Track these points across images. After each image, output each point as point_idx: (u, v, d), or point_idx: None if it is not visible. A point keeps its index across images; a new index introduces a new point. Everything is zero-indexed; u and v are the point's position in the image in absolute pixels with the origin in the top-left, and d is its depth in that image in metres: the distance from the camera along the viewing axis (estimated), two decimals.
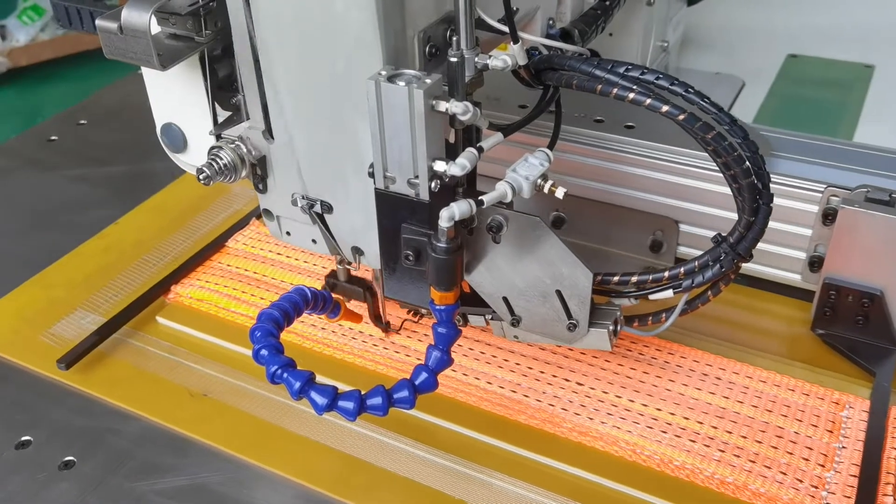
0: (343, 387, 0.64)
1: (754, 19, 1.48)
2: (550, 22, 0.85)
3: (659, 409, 0.75)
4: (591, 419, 0.74)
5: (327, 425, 0.76)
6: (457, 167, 0.59)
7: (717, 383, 0.77)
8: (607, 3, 0.93)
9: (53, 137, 1.23)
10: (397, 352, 0.82)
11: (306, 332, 0.85)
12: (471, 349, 0.82)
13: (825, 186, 0.81)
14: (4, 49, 3.03)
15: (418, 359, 0.76)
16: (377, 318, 0.80)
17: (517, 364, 0.80)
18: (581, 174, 0.92)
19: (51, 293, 0.92)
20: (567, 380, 0.78)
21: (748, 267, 0.86)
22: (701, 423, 0.74)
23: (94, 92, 1.36)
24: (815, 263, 0.84)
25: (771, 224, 0.82)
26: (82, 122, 1.27)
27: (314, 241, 0.74)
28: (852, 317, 0.81)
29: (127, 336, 0.87)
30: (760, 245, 0.83)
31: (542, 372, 0.79)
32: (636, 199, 0.91)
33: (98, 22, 0.63)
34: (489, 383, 0.78)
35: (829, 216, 0.81)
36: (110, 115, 1.28)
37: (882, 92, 1.26)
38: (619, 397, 0.76)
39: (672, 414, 0.75)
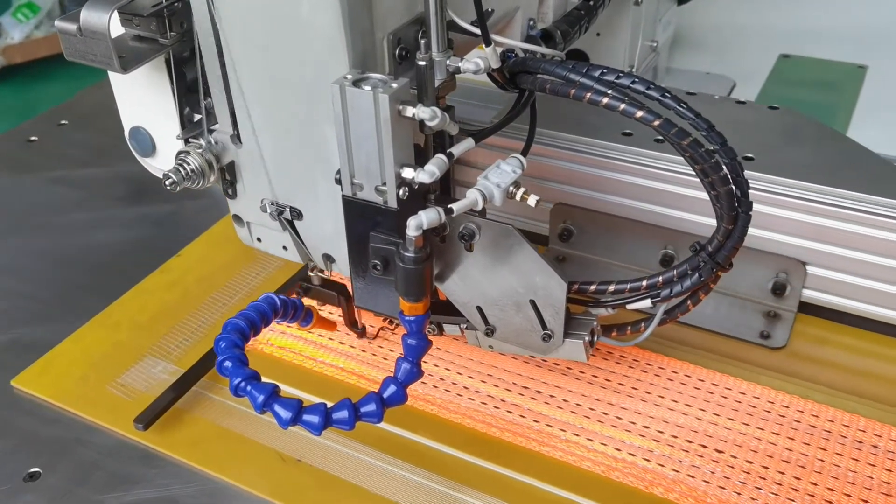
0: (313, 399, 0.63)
1: (747, 19, 1.46)
2: (531, 23, 0.83)
3: (769, 468, 0.69)
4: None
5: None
6: (425, 174, 0.58)
7: (860, 446, 0.70)
8: (591, 2, 0.91)
9: (33, 138, 1.21)
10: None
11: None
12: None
13: None
14: None
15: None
16: (352, 324, 0.78)
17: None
18: (692, 209, 0.85)
19: (115, 336, 0.85)
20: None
21: (882, 313, 0.81)
22: (849, 496, 0.66)
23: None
24: None
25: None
26: (63, 122, 1.25)
27: (285, 247, 0.72)
28: None
29: (205, 388, 0.78)
30: (880, 286, 0.79)
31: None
32: (756, 238, 0.82)
33: (57, 23, 0.61)
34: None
35: None
36: (92, 116, 1.26)
37: (874, 93, 1.23)
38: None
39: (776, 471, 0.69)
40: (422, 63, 0.59)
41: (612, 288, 0.67)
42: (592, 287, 0.67)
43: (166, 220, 1.02)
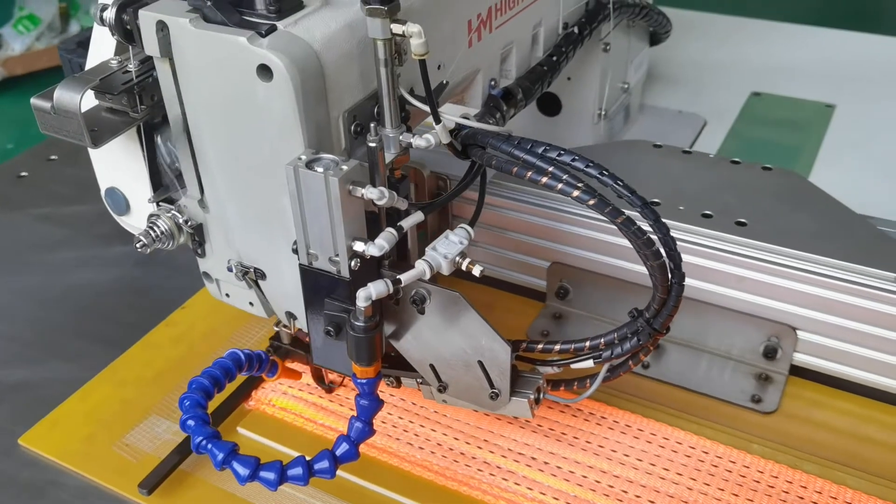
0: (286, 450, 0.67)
1: (722, 56, 1.49)
2: (492, 83, 0.86)
3: None
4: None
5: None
6: (375, 248, 0.61)
7: None
8: (554, 58, 0.95)
9: (23, 173, 1.25)
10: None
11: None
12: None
13: None
14: (0, 58, 3.06)
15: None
16: (320, 380, 0.82)
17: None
18: (687, 272, 0.82)
19: (122, 392, 0.87)
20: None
21: (872, 378, 0.82)
22: None
23: None
24: None
25: (888, 335, 0.79)
26: (53, 157, 1.29)
27: (251, 303, 0.76)
28: None
29: None
30: (888, 357, 0.80)
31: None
32: (748, 303, 0.85)
33: (32, 101, 0.65)
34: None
35: None
36: (81, 150, 1.28)
37: (839, 133, 1.26)
38: None
39: None
40: (372, 144, 0.62)
41: (557, 348, 0.71)
42: (539, 346, 0.71)
43: (147, 260, 1.05)
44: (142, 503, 0.76)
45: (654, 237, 0.62)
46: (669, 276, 0.64)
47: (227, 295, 0.77)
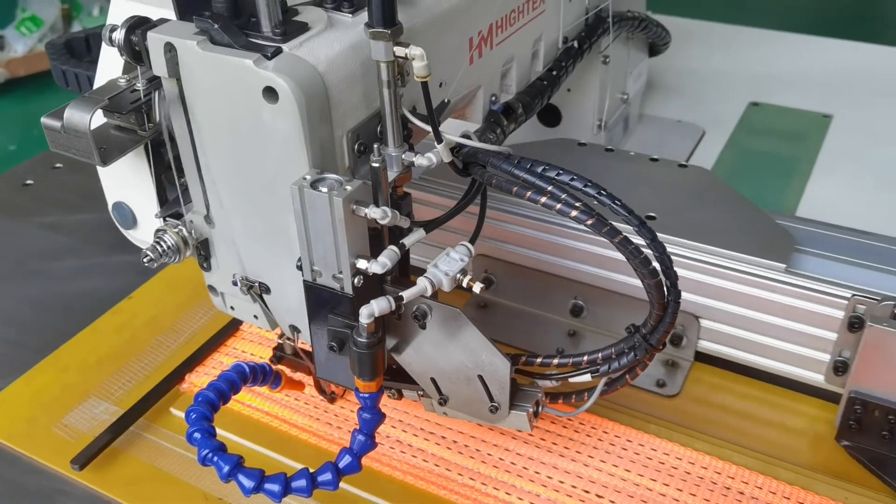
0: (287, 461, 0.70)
1: (721, 65, 1.50)
2: (493, 98, 0.87)
3: None
4: None
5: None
6: (378, 265, 0.63)
7: (740, 499, 0.76)
8: (554, 73, 0.96)
9: (29, 182, 1.27)
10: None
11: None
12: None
13: (851, 294, 0.79)
14: (3, 59, 3.08)
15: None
16: (321, 390, 0.84)
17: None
18: (600, 264, 0.91)
19: (64, 377, 0.92)
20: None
21: (767, 363, 0.87)
22: None
23: None
24: (840, 368, 0.82)
25: (792, 325, 0.83)
26: (58, 165, 1.30)
27: (256, 316, 0.77)
28: (878, 431, 0.79)
29: (142, 429, 0.85)
30: (780, 343, 0.85)
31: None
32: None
33: (43, 119, 0.67)
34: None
35: (854, 324, 0.79)
36: None
37: (836, 144, 1.27)
38: None
39: None
40: (375, 165, 0.63)
41: (555, 361, 0.72)
42: (538, 360, 0.72)
43: (150, 270, 1.07)
44: (77, 479, 0.80)
45: (650, 255, 0.64)
46: (665, 293, 0.65)
47: (232, 308, 0.79)
